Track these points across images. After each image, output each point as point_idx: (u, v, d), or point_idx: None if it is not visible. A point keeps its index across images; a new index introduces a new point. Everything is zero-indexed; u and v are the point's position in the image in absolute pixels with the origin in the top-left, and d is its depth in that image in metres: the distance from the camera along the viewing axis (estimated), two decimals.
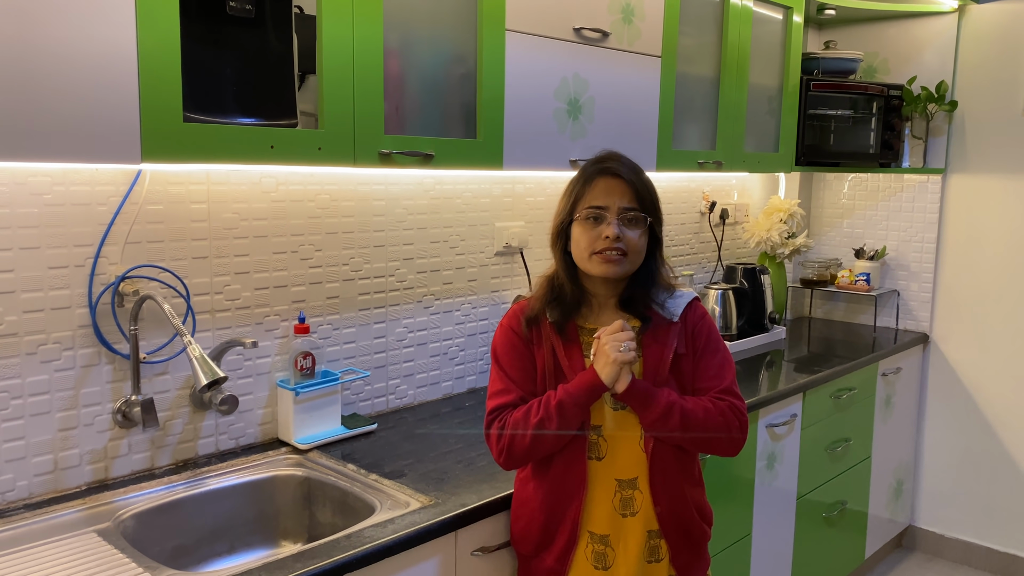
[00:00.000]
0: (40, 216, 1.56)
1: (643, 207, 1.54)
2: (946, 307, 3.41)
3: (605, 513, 1.56)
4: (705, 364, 1.59)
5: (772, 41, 2.93)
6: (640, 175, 1.56)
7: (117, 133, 1.35)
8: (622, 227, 1.51)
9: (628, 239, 1.52)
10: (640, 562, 1.56)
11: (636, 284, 1.58)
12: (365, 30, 1.66)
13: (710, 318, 1.65)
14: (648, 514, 1.56)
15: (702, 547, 1.65)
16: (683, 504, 1.59)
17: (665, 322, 1.58)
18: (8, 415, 1.56)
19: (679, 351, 1.58)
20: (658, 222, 1.58)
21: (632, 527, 1.56)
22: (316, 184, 1.98)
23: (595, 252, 1.52)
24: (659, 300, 1.59)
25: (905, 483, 3.47)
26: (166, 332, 1.76)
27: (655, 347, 1.57)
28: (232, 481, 1.77)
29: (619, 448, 1.56)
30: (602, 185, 1.54)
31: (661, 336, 1.57)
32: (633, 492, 1.56)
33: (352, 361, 2.12)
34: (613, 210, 1.52)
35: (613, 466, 1.56)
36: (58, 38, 1.28)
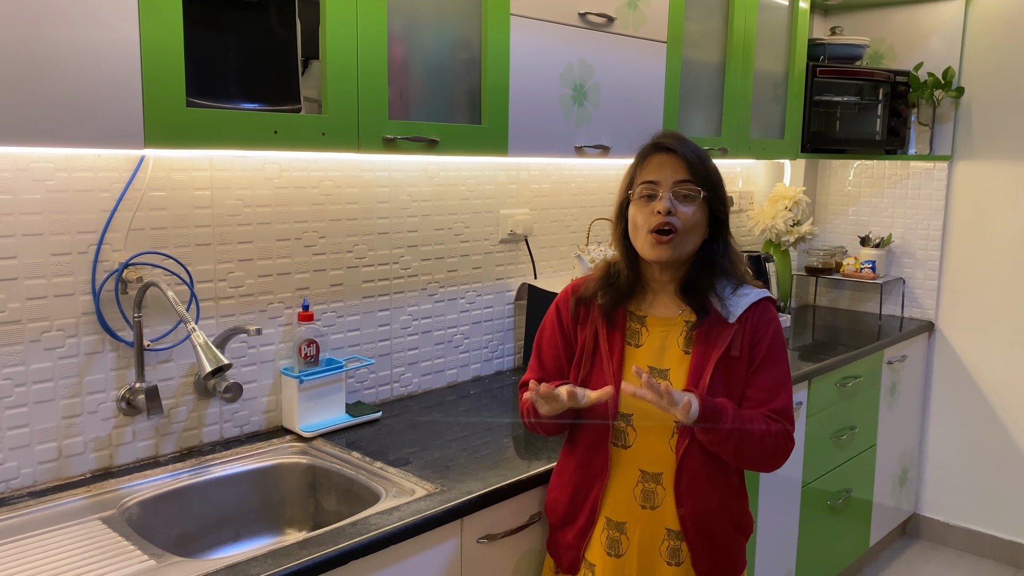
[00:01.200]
0: (43, 202, 1.55)
1: (698, 181, 1.49)
2: (952, 295, 3.40)
3: (624, 501, 1.55)
4: (762, 376, 1.52)
5: (778, 27, 2.90)
6: (696, 150, 1.52)
7: (120, 118, 1.34)
8: (675, 202, 1.47)
9: (681, 214, 1.47)
10: (654, 555, 1.54)
11: (696, 268, 1.53)
12: (369, 15, 1.64)
13: (778, 324, 1.56)
14: (670, 512, 1.52)
15: (732, 554, 1.58)
16: (711, 511, 1.53)
17: (722, 320, 1.52)
18: (12, 402, 1.56)
19: (731, 353, 1.51)
20: (717, 199, 1.51)
21: (651, 521, 1.53)
22: (320, 171, 1.97)
23: (650, 230, 1.48)
24: (721, 292, 1.53)
25: (910, 471, 3.46)
26: (170, 319, 1.75)
27: (703, 346, 1.51)
28: (237, 469, 1.77)
29: (647, 440, 1.53)
30: (656, 161, 1.51)
31: (714, 336, 1.51)
32: (656, 486, 1.53)
33: (356, 349, 2.11)
34: (666, 184, 1.49)
35: (639, 457, 1.53)
36: (60, 22, 1.26)
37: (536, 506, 1.74)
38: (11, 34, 1.22)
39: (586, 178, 2.68)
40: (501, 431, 1.99)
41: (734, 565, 1.59)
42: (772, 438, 1.48)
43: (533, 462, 1.78)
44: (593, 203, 2.72)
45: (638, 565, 1.54)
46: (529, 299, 2.48)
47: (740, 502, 1.61)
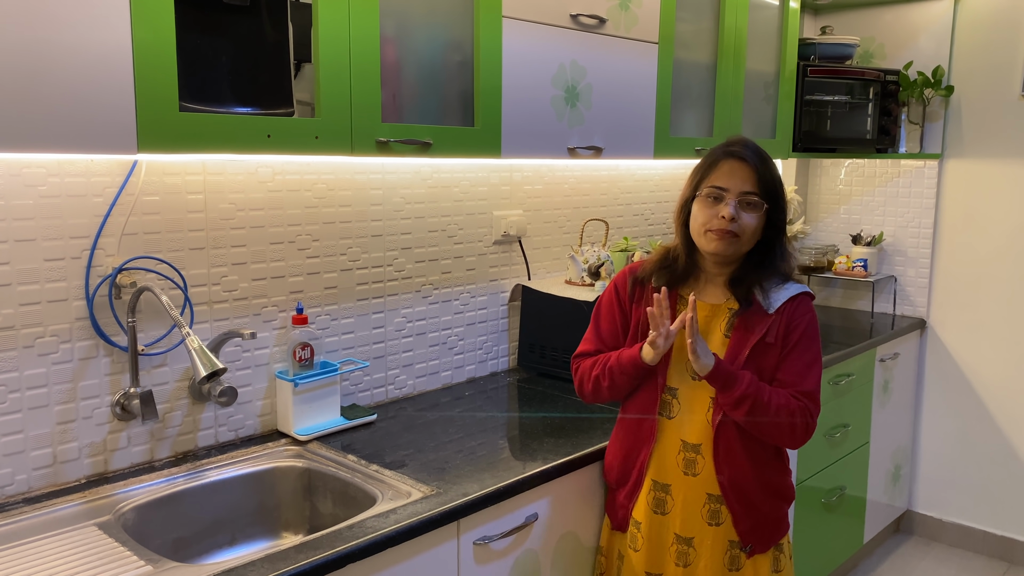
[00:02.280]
0: (35, 208, 1.55)
1: (763, 193, 1.61)
2: (943, 292, 3.42)
3: (669, 466, 1.71)
4: (792, 360, 1.65)
5: (769, 27, 2.92)
6: (766, 161, 1.64)
7: (113, 123, 1.34)
8: (739, 210, 1.61)
9: (744, 222, 1.61)
10: (696, 516, 1.70)
11: (747, 267, 1.67)
12: (361, 18, 1.64)
13: (813, 316, 1.69)
14: (710, 478, 1.68)
15: (773, 518, 1.73)
16: (748, 479, 1.67)
17: (762, 310, 1.66)
18: (6, 409, 1.55)
19: (767, 340, 1.65)
20: (778, 210, 1.65)
21: (693, 485, 1.69)
22: (313, 174, 1.97)
23: (710, 229, 1.62)
24: (765, 287, 1.67)
25: (903, 468, 3.48)
26: (164, 324, 1.75)
27: (742, 332, 1.66)
28: (232, 473, 1.77)
29: (689, 414, 1.69)
30: (727, 167, 1.63)
31: (752, 323, 1.66)
32: (696, 456, 1.69)
33: (351, 352, 2.11)
34: (733, 192, 1.61)
35: (681, 428, 1.70)
36: (52, 27, 1.26)
37: (533, 507, 1.75)
38: (3, 40, 1.22)
39: (579, 179, 2.69)
40: (496, 432, 1.99)
41: (777, 527, 1.75)
42: (789, 413, 1.61)
43: (528, 463, 1.78)
44: (586, 204, 2.73)
45: (680, 523, 1.71)
46: (523, 300, 2.49)
47: (780, 474, 1.74)
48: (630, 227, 2.93)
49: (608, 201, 2.82)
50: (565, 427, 2.01)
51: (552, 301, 2.39)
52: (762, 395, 1.60)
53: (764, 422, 1.62)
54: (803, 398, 1.64)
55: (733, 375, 1.60)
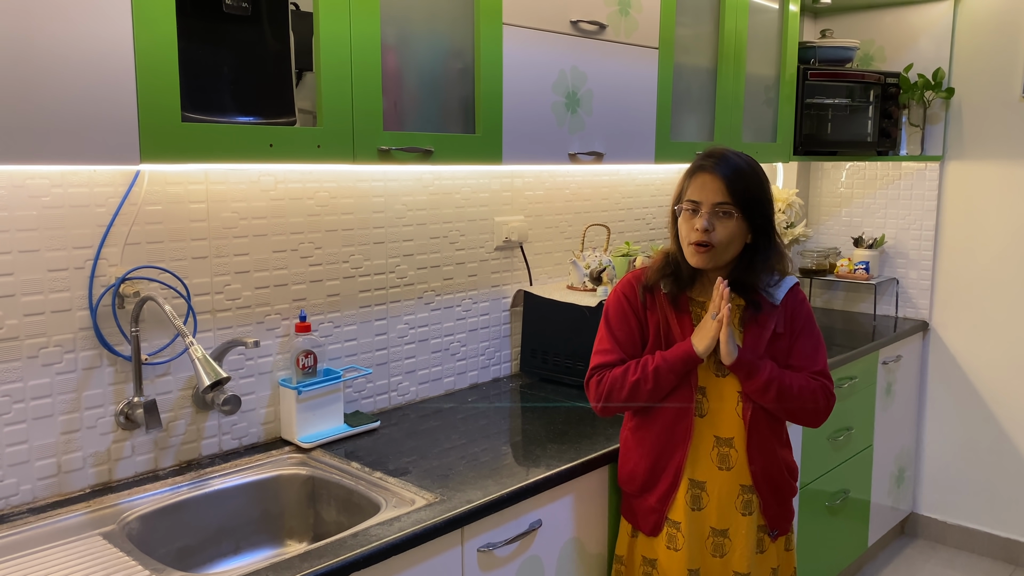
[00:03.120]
0: (39, 219, 1.55)
1: (735, 202, 1.66)
2: (945, 294, 3.42)
3: (704, 464, 1.76)
4: (801, 345, 1.77)
5: (769, 31, 2.92)
6: (738, 171, 1.67)
7: (115, 134, 1.34)
8: (712, 221, 1.66)
9: (719, 230, 1.67)
10: (731, 508, 1.76)
11: (741, 268, 1.73)
12: (362, 26, 1.65)
13: (807, 302, 1.82)
14: (743, 470, 1.75)
15: (789, 501, 1.83)
16: (775, 464, 1.77)
17: (769, 305, 1.75)
18: (10, 419, 1.56)
19: (778, 330, 1.75)
20: (755, 215, 1.69)
21: (727, 478, 1.75)
22: (315, 182, 1.97)
23: (690, 243, 1.69)
24: (764, 284, 1.74)
25: (907, 471, 3.47)
26: (167, 333, 1.75)
27: (756, 328, 1.74)
28: (236, 481, 1.77)
29: (719, 410, 1.75)
30: (699, 181, 1.69)
31: (762, 318, 1.74)
32: (729, 450, 1.75)
33: (354, 359, 2.11)
34: (706, 204, 1.67)
35: (712, 425, 1.76)
36: (54, 38, 1.27)
37: (536, 514, 1.75)
38: (4, 50, 1.22)
39: (580, 184, 2.69)
40: (499, 438, 1.99)
41: (791, 511, 1.84)
42: (811, 392, 1.72)
43: (532, 469, 1.78)
44: (587, 209, 2.73)
45: (716, 517, 1.77)
46: (525, 306, 2.49)
47: (789, 451, 1.84)
48: (632, 232, 2.93)
49: (609, 206, 2.82)
50: (568, 433, 2.01)
51: (554, 306, 2.40)
52: (785, 379, 1.70)
53: (791, 404, 1.71)
54: (819, 376, 1.75)
55: (756, 363, 1.69)
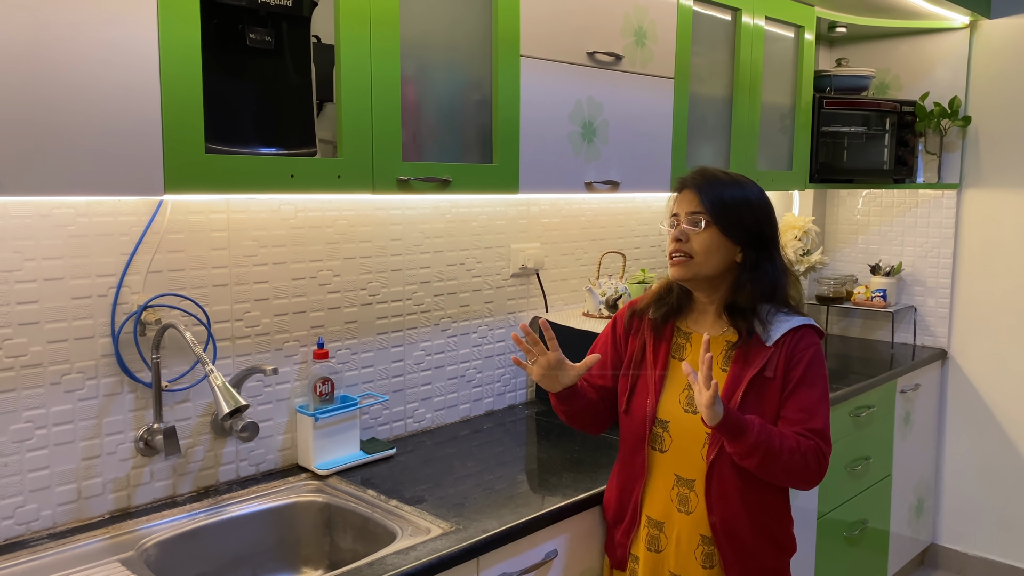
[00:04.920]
0: (64, 247, 1.58)
1: (707, 210, 1.60)
2: (964, 322, 3.39)
3: (662, 502, 1.67)
4: (798, 397, 1.58)
5: (784, 59, 2.94)
6: (716, 183, 1.63)
7: (141, 166, 1.37)
8: (686, 230, 1.62)
9: (693, 240, 1.61)
10: (690, 557, 1.64)
11: (735, 293, 1.64)
12: (382, 59, 1.68)
13: (817, 349, 1.62)
14: (703, 519, 1.62)
15: (768, 569, 1.65)
16: (741, 522, 1.61)
17: (761, 342, 1.61)
18: (33, 445, 1.57)
19: (766, 374, 1.59)
20: (735, 226, 1.60)
21: (686, 523, 1.64)
22: (334, 210, 2.00)
23: (669, 255, 1.65)
24: (764, 316, 1.62)
25: (926, 501, 3.43)
26: (187, 360, 1.77)
27: (740, 365, 1.62)
28: (253, 508, 1.78)
29: (682, 447, 1.64)
30: (679, 197, 1.67)
31: (751, 356, 1.61)
32: (690, 492, 1.64)
33: (370, 385, 2.13)
34: (682, 216, 1.64)
35: (674, 462, 1.65)
36: (82, 73, 1.30)
37: (552, 544, 1.75)
38: (32, 85, 1.25)
39: (596, 211, 2.71)
40: (515, 466, 1.99)
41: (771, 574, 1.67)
42: (802, 456, 1.54)
43: (547, 497, 1.78)
44: (603, 236, 2.74)
45: (675, 562, 1.65)
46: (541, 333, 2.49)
47: (779, 521, 1.68)
48: (647, 259, 2.94)
49: (625, 233, 2.83)
50: (583, 461, 2.01)
51: (570, 333, 2.40)
52: (773, 442, 1.51)
53: (777, 469, 1.54)
54: (813, 436, 1.56)
55: (742, 424, 1.50)
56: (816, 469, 1.56)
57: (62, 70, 1.27)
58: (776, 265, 1.65)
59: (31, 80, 1.24)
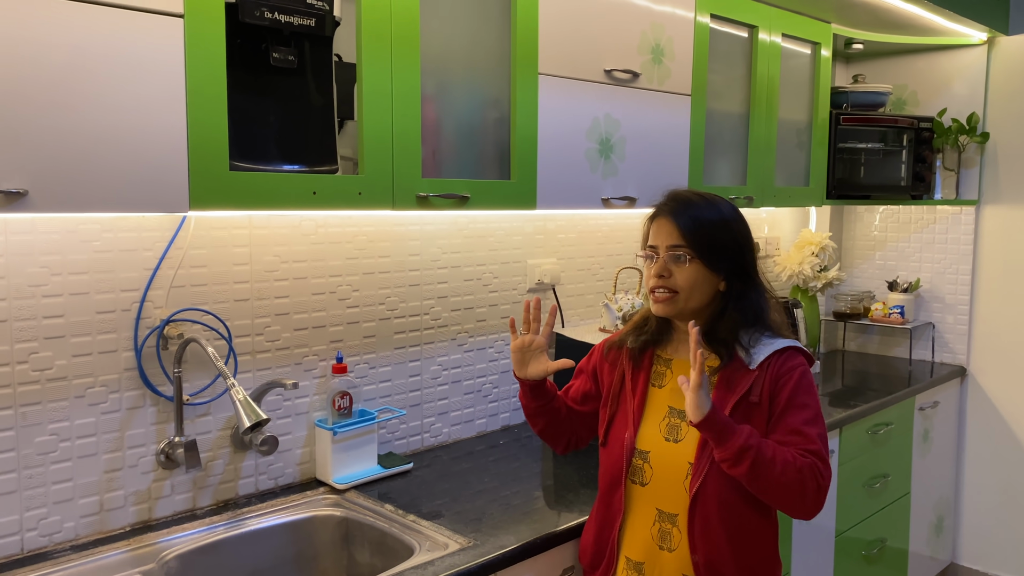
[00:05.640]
0: (89, 262, 1.61)
1: (689, 244, 1.53)
2: (983, 339, 3.37)
3: (642, 540, 1.56)
4: (789, 420, 1.49)
5: (801, 76, 2.94)
6: (695, 213, 1.55)
7: (166, 183, 1.39)
8: (669, 266, 1.55)
9: (677, 275, 1.54)
10: None
11: (715, 319, 1.57)
12: (403, 78, 1.70)
13: (805, 370, 1.54)
14: (686, 557, 1.52)
15: None
16: (725, 559, 1.51)
17: (745, 366, 1.54)
18: (57, 457, 1.60)
19: (751, 399, 1.51)
20: (719, 258, 1.54)
21: (668, 563, 1.53)
22: (354, 226, 2.02)
23: (650, 290, 1.58)
24: (746, 341, 1.55)
25: (946, 519, 3.40)
26: (208, 374, 1.79)
27: (723, 390, 1.53)
28: (272, 521, 1.79)
29: (664, 479, 1.55)
30: (655, 226, 1.60)
31: (735, 381, 1.53)
32: (672, 528, 1.54)
33: (388, 400, 2.14)
34: (662, 249, 1.56)
35: (655, 495, 1.55)
36: (110, 92, 1.32)
37: (569, 559, 1.75)
38: (60, 106, 1.28)
39: (612, 227, 2.72)
40: (531, 481, 2.00)
41: None
42: (797, 471, 1.42)
43: (564, 513, 1.78)
44: (619, 251, 2.75)
45: None
46: (557, 348, 2.50)
47: (763, 547, 1.56)
48: None
49: None
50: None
51: (586, 349, 2.39)
52: (764, 448, 1.41)
53: (770, 481, 1.42)
54: (809, 455, 1.45)
55: (730, 424, 1.42)
56: (814, 489, 1.43)
57: (91, 88, 1.30)
58: (759, 291, 1.58)
59: (60, 99, 1.27)
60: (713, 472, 1.50)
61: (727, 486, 1.50)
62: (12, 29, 1.22)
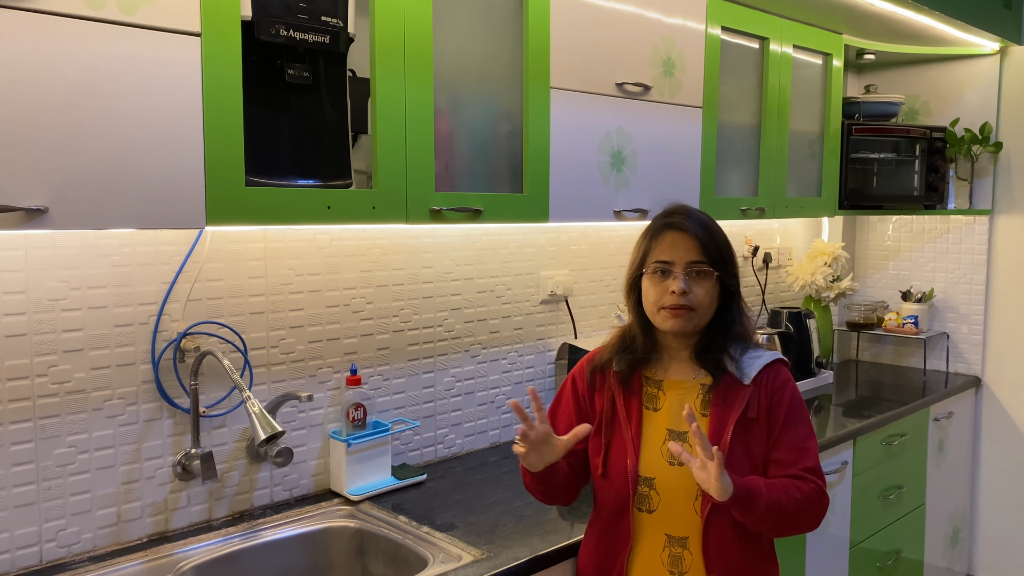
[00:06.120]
0: (108, 276, 1.63)
1: (711, 261, 1.51)
2: (998, 349, 3.35)
3: (652, 568, 1.53)
4: (788, 437, 1.52)
5: (812, 86, 2.95)
6: (708, 228, 1.54)
7: (184, 199, 1.41)
8: (688, 282, 1.50)
9: (695, 294, 1.50)
10: None
11: (711, 336, 1.55)
12: (416, 93, 1.72)
13: (793, 384, 1.57)
14: None
15: None
16: (740, 575, 1.52)
17: (737, 382, 1.53)
18: (75, 469, 1.62)
19: (749, 415, 1.51)
20: (729, 275, 1.54)
21: None
22: (368, 239, 2.03)
23: (663, 307, 1.51)
24: (735, 355, 1.55)
25: (962, 531, 3.37)
26: (224, 386, 1.81)
27: (722, 408, 1.52)
28: (286, 533, 1.80)
29: (672, 504, 1.52)
30: (668, 239, 1.53)
31: (731, 397, 1.52)
32: (683, 551, 1.52)
33: (402, 411, 2.15)
34: (680, 264, 1.51)
35: (664, 521, 1.52)
36: (129, 110, 1.34)
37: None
38: (84, 127, 1.30)
39: (624, 239, 2.72)
40: None
41: None
42: (808, 502, 1.48)
43: (577, 525, 1.78)
44: None
45: None
46: (570, 359, 2.51)
47: (770, 566, 1.59)
48: None
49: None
50: None
51: None
52: (781, 498, 1.45)
53: (786, 525, 1.49)
54: (809, 476, 1.50)
55: (751, 490, 1.42)
56: (821, 510, 1.50)
57: (110, 107, 1.32)
58: (740, 304, 1.58)
59: (80, 117, 1.29)
60: None
61: None
62: (32, 50, 1.24)
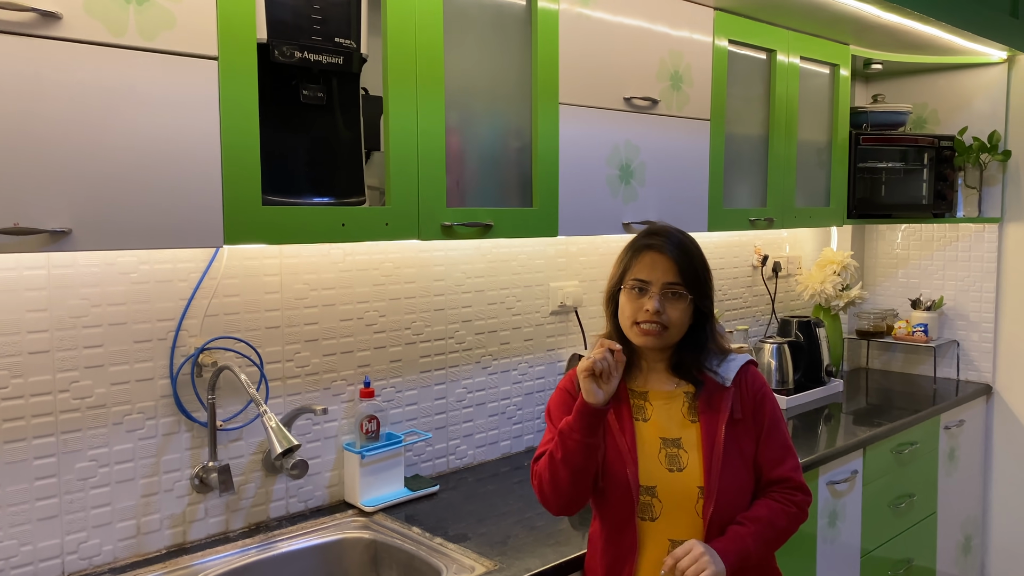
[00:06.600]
0: (127, 293, 1.67)
1: (686, 284, 1.56)
2: (1009, 357, 3.35)
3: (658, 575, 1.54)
4: (775, 438, 1.62)
5: (820, 96, 2.97)
6: (687, 251, 1.59)
7: (202, 219, 1.45)
8: (663, 302, 1.55)
9: (669, 314, 1.55)
10: None
11: (683, 351, 1.61)
12: (428, 111, 1.75)
13: (767, 386, 1.66)
14: None
15: None
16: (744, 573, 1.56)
17: (719, 387, 1.60)
18: (96, 482, 1.65)
19: (735, 416, 1.58)
20: (704, 297, 1.59)
21: None
22: (381, 253, 2.07)
23: (636, 322, 1.57)
24: (711, 365, 1.61)
25: (974, 539, 3.37)
26: (240, 399, 1.84)
27: (710, 413, 1.58)
28: (302, 544, 1.83)
29: (674, 510, 1.56)
30: (648, 259, 1.58)
31: (715, 402, 1.59)
32: None
33: (414, 423, 2.18)
34: (656, 285, 1.56)
35: (667, 527, 1.56)
36: (146, 134, 1.38)
37: None
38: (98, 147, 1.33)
39: None
40: None
41: None
42: (796, 521, 1.60)
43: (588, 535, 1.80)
44: None
45: None
46: None
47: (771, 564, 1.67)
48: None
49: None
50: None
51: None
52: (768, 534, 1.56)
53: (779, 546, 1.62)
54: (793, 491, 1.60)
55: (742, 550, 1.51)
56: (802, 520, 1.62)
57: (130, 129, 1.36)
58: (711, 317, 1.63)
59: (101, 139, 1.33)
60: (723, 491, 1.55)
61: (734, 500, 1.57)
62: (57, 76, 1.28)
